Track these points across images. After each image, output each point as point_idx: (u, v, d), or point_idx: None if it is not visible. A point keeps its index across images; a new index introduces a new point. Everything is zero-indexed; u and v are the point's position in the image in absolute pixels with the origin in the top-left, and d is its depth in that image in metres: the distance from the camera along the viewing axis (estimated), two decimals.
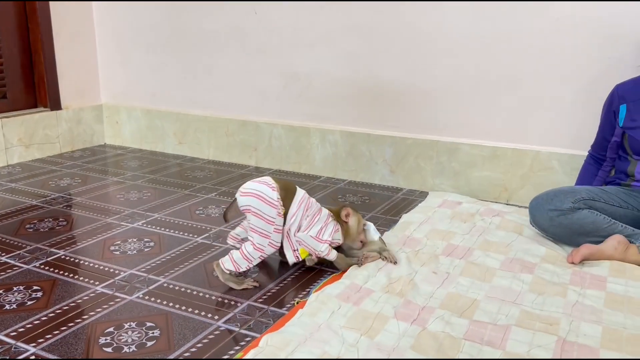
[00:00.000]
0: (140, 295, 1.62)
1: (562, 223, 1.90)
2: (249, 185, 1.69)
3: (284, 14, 2.82)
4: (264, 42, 2.93)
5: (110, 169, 3.00)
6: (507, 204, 2.45)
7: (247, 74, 3.03)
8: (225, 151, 3.18)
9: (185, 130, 3.29)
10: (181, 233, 2.09)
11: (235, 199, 1.69)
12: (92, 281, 1.71)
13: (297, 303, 1.57)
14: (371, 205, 2.46)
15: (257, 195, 1.65)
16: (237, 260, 1.66)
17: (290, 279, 1.74)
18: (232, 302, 1.58)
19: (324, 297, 1.55)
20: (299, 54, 2.85)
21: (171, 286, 1.68)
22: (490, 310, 1.51)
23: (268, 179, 1.72)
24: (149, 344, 1.39)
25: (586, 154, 2.19)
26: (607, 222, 1.88)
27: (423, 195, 2.59)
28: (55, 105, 3.33)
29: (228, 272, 1.68)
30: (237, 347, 1.37)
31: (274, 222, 1.66)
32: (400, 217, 2.25)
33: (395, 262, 1.77)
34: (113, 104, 3.54)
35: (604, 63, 2.22)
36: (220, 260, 1.68)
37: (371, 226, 1.87)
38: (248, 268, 1.68)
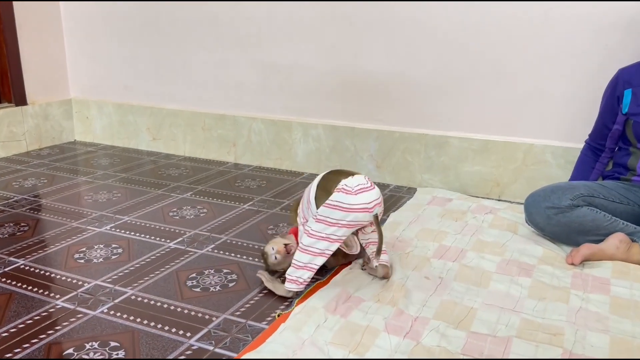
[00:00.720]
0: (105, 310, 1.47)
1: (560, 221, 1.79)
2: None
3: (262, 2, 2.66)
4: (241, 32, 2.77)
5: (79, 168, 2.82)
6: (499, 200, 2.34)
7: (224, 65, 2.86)
8: (202, 147, 3.02)
9: (160, 126, 3.12)
10: (152, 238, 1.94)
11: None
12: (52, 294, 1.56)
13: (279, 316, 1.43)
14: None
15: None
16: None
17: None
18: (207, 316, 1.44)
19: (309, 309, 1.41)
20: (279, 45, 2.69)
21: (139, 299, 1.53)
22: (488, 319, 1.39)
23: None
24: None
25: (581, 146, 2.08)
26: (608, 219, 1.77)
27: (411, 191, 2.47)
28: (21, 100, 3.13)
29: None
30: None
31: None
32: (388, 216, 2.13)
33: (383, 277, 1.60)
34: (83, 98, 3.35)
35: (599, 51, 2.11)
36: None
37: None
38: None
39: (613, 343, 1.29)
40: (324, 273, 1.67)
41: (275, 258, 1.59)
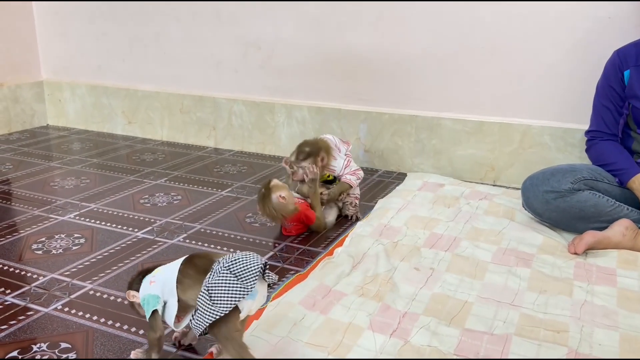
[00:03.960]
0: (59, 307, 1.32)
1: (559, 206, 1.65)
2: None
3: None
4: (219, 6, 2.59)
5: (49, 153, 2.65)
6: (494, 185, 2.20)
7: (201, 43, 2.69)
8: (180, 131, 2.86)
9: (136, 108, 2.94)
10: (119, 227, 1.78)
11: None
12: (2, 289, 1.40)
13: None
14: None
15: None
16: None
17: None
18: None
19: (284, 305, 1.27)
20: (259, 20, 2.52)
21: (98, 294, 1.37)
22: (484, 315, 1.26)
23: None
24: None
25: (581, 127, 1.94)
26: (611, 204, 1.64)
27: (401, 177, 2.32)
28: None
29: None
30: None
31: None
32: (375, 203, 1.98)
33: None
34: (55, 80, 3.16)
35: (599, 23, 1.96)
36: None
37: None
38: None
39: (623, 340, 1.16)
40: (305, 265, 1.53)
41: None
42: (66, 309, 1.31)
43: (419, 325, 1.20)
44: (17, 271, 1.49)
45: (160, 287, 1.05)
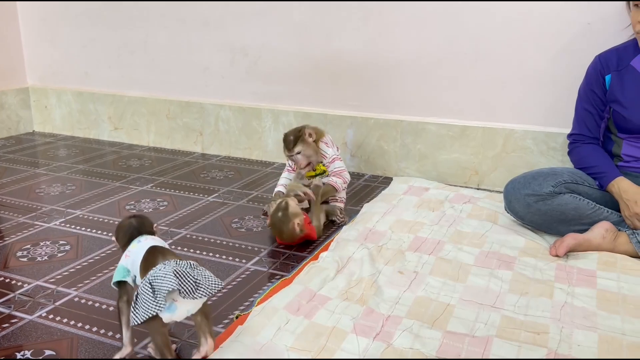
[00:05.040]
0: (43, 314, 1.32)
1: (540, 209, 1.68)
2: None
3: None
4: (205, 12, 2.60)
5: (34, 160, 2.64)
6: (478, 189, 2.22)
7: (188, 48, 2.70)
8: (167, 137, 2.86)
9: (122, 114, 2.94)
10: (104, 233, 1.78)
11: None
12: None
13: (237, 318, 1.29)
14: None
15: None
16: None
17: (233, 285, 1.46)
18: None
19: (269, 310, 1.28)
20: (246, 26, 2.54)
21: (83, 301, 1.38)
22: (466, 317, 1.27)
23: None
24: None
25: (563, 131, 1.97)
26: (592, 207, 1.67)
27: (386, 181, 2.34)
28: None
29: None
30: None
31: None
32: (361, 207, 2.00)
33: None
34: (41, 86, 3.15)
35: (582, 29, 2.00)
36: None
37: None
38: None
39: (602, 341, 1.18)
40: (290, 269, 1.54)
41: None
42: (51, 316, 1.31)
43: (402, 328, 1.21)
44: (1, 279, 1.49)
45: (131, 262, 1.14)
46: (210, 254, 1.63)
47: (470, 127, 2.23)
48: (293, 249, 1.68)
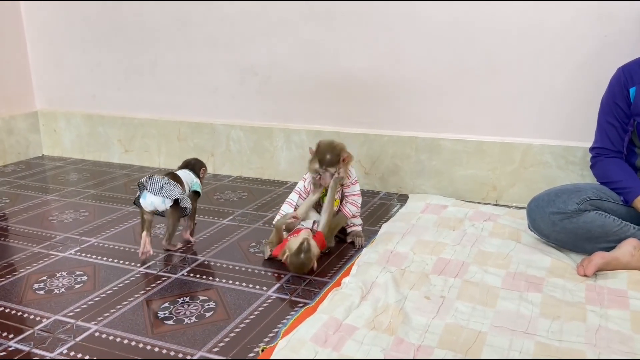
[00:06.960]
0: (64, 351, 1.29)
1: (566, 227, 1.64)
2: None
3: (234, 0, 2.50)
4: (214, 32, 2.59)
5: (45, 185, 2.62)
6: (497, 205, 2.19)
7: (197, 69, 2.68)
8: (178, 158, 2.82)
9: (132, 137, 2.93)
10: (121, 262, 1.75)
11: None
12: (5, 334, 1.37)
13: (263, 351, 1.25)
14: None
15: None
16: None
17: (255, 315, 1.43)
18: (180, 355, 1.26)
19: (295, 342, 1.24)
20: (255, 45, 2.52)
21: (104, 336, 1.34)
22: (499, 345, 1.24)
23: None
24: None
25: (582, 145, 1.94)
26: (618, 224, 1.63)
27: (402, 199, 2.31)
28: None
29: None
30: None
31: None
32: (379, 227, 1.96)
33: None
34: (50, 110, 3.14)
35: (598, 41, 1.97)
36: None
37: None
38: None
39: None
40: (312, 296, 1.51)
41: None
42: (72, 353, 1.28)
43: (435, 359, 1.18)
44: (19, 313, 1.46)
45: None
46: (230, 282, 1.60)
47: (486, 143, 2.20)
48: (314, 274, 1.65)
